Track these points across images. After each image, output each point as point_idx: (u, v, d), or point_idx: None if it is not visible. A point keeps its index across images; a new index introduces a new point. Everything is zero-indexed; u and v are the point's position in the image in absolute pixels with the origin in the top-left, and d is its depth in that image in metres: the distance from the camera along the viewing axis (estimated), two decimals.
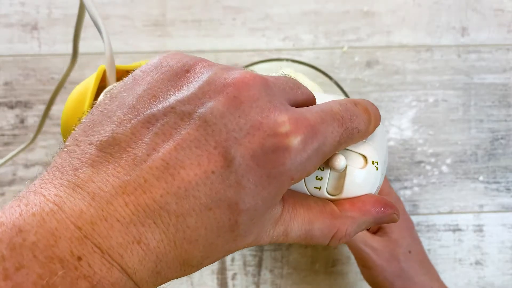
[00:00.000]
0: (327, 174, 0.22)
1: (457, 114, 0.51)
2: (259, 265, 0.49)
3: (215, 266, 0.49)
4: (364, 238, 0.40)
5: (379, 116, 0.23)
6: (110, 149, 0.17)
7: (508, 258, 0.50)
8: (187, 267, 0.18)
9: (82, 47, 0.51)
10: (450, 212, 0.50)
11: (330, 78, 0.44)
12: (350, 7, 0.51)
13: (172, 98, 0.18)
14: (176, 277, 0.18)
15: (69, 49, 0.51)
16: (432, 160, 0.50)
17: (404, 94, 0.51)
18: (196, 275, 0.49)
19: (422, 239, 0.49)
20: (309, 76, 0.45)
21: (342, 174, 0.21)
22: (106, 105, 0.19)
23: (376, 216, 0.21)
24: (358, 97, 0.50)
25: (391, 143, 0.51)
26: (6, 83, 0.50)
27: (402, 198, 0.50)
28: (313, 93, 0.23)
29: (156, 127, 0.17)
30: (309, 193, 0.22)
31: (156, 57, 0.20)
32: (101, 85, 0.27)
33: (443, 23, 0.52)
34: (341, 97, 0.24)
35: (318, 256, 0.49)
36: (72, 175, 0.17)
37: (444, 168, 0.50)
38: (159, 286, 0.18)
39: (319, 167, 0.21)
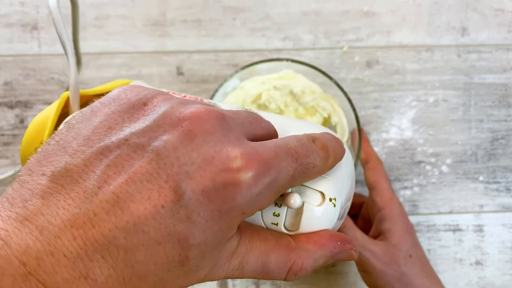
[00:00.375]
0: (284, 210, 0.21)
1: (457, 114, 0.51)
2: None
3: None
4: (364, 243, 0.40)
5: (341, 151, 0.22)
6: (62, 180, 0.17)
7: (508, 258, 0.50)
8: None
9: (82, 47, 0.50)
10: (450, 212, 0.50)
11: (330, 78, 0.44)
12: (350, 7, 0.51)
13: (127, 130, 0.18)
14: None
15: (69, 49, 0.50)
16: (432, 160, 0.50)
17: (404, 94, 0.51)
18: None
19: (422, 239, 0.49)
20: (309, 76, 0.45)
21: (299, 211, 0.21)
22: (62, 135, 0.19)
23: (332, 251, 0.21)
24: (358, 97, 0.50)
25: (391, 143, 0.51)
26: (6, 83, 0.50)
27: (402, 199, 0.50)
28: (287, 119, 0.23)
29: (108, 159, 0.17)
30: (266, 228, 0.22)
31: (116, 89, 0.20)
32: (65, 112, 0.27)
33: (443, 23, 0.52)
34: (316, 126, 0.24)
35: None
36: (21, 207, 0.16)
37: (444, 168, 0.50)
38: None
39: (276, 204, 0.21)
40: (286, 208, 0.21)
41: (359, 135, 0.43)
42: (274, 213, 0.21)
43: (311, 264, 0.21)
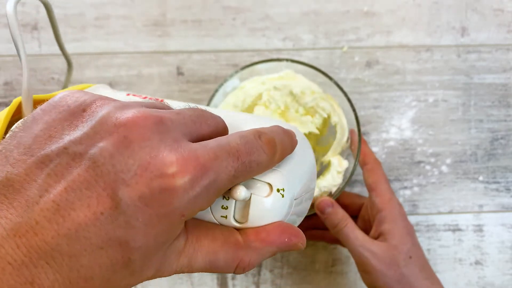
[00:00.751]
0: (232, 203, 0.22)
1: (457, 114, 0.51)
2: (259, 265, 0.49)
3: None
4: (365, 243, 0.40)
5: (291, 144, 0.22)
6: (4, 190, 0.17)
7: (508, 258, 0.50)
8: None
9: (82, 47, 0.51)
10: (450, 212, 0.50)
11: (330, 78, 0.44)
12: (350, 7, 0.51)
13: (66, 138, 0.18)
14: None
15: (69, 49, 0.51)
16: (432, 160, 0.50)
17: (404, 94, 0.51)
18: (196, 275, 0.49)
19: (421, 239, 0.49)
20: (309, 76, 0.45)
21: (247, 203, 0.21)
22: (6, 144, 0.19)
23: (279, 246, 0.22)
24: (358, 97, 0.50)
25: (391, 143, 0.51)
26: (6, 83, 0.50)
27: (401, 199, 0.50)
28: (240, 114, 0.22)
29: (49, 168, 0.17)
30: (216, 222, 0.22)
31: (57, 95, 0.20)
32: (19, 117, 0.27)
33: (443, 23, 0.52)
34: (268, 120, 0.24)
35: (318, 256, 0.49)
36: None
37: (444, 168, 0.50)
38: None
39: (224, 197, 0.22)
40: (234, 200, 0.22)
41: (359, 136, 0.43)
42: (223, 206, 0.22)
43: (258, 259, 0.21)
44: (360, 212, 0.45)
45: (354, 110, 0.43)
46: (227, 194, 0.21)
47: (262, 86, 0.44)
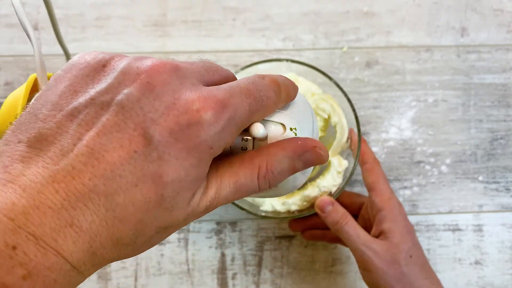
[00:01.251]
0: (250, 143, 0.23)
1: (456, 114, 0.51)
2: (259, 265, 0.49)
3: (215, 266, 0.49)
4: (366, 241, 0.40)
5: (293, 88, 0.24)
6: (38, 144, 0.18)
7: (508, 257, 0.50)
8: (122, 246, 0.19)
9: (83, 47, 0.51)
10: (450, 212, 0.50)
11: (330, 78, 0.44)
12: (350, 8, 0.52)
13: (92, 91, 0.19)
14: (113, 258, 0.19)
15: (70, 49, 0.51)
16: (432, 160, 0.51)
17: (403, 94, 0.51)
18: (196, 274, 0.49)
19: (421, 239, 0.50)
20: (309, 77, 0.45)
21: (264, 143, 0.23)
22: (33, 105, 0.20)
23: (295, 151, 0.22)
24: (357, 97, 0.50)
25: (391, 143, 0.51)
26: (6, 83, 0.50)
27: (401, 198, 0.50)
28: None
29: (79, 119, 0.19)
30: None
31: (75, 56, 0.21)
32: (35, 94, 0.29)
33: (442, 23, 0.52)
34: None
35: (318, 256, 0.50)
36: (2, 173, 0.18)
37: (444, 168, 0.50)
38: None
39: (243, 139, 0.23)
40: (252, 140, 0.23)
41: (359, 136, 0.43)
42: (242, 147, 0.23)
43: (276, 165, 0.22)
44: (360, 211, 0.46)
45: (354, 110, 0.43)
46: (245, 134, 0.23)
47: None
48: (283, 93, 0.23)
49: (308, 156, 0.23)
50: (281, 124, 0.23)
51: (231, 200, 0.22)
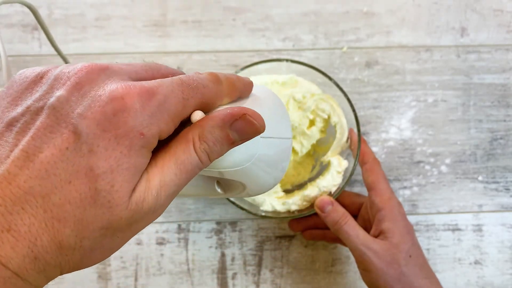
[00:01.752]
0: None
1: (456, 114, 0.51)
2: (259, 265, 0.49)
3: (215, 265, 0.49)
4: (365, 241, 0.40)
5: (241, 83, 0.25)
6: None
7: (507, 257, 0.50)
8: (67, 251, 0.19)
9: (83, 48, 0.51)
10: (450, 212, 0.50)
11: (330, 78, 0.44)
12: (350, 8, 0.52)
13: (29, 101, 0.20)
14: (61, 264, 0.19)
15: (70, 49, 0.51)
16: (432, 160, 0.51)
17: (403, 94, 0.51)
18: (196, 274, 0.49)
19: (421, 238, 0.50)
20: (308, 77, 0.46)
21: None
22: None
23: (224, 119, 0.22)
24: (357, 97, 0.50)
25: (391, 143, 0.51)
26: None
27: (401, 198, 0.50)
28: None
29: (16, 127, 0.19)
30: None
31: (17, 74, 0.22)
32: None
33: (442, 24, 0.52)
34: None
35: (318, 256, 0.50)
36: None
37: (444, 168, 0.51)
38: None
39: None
40: None
41: (359, 136, 0.43)
42: None
43: (208, 136, 0.22)
44: (360, 211, 0.46)
45: (353, 110, 0.44)
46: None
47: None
48: (224, 85, 0.23)
49: (240, 124, 0.22)
50: None
51: (180, 184, 0.22)
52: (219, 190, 0.29)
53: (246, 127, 0.22)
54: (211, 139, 0.22)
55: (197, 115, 0.22)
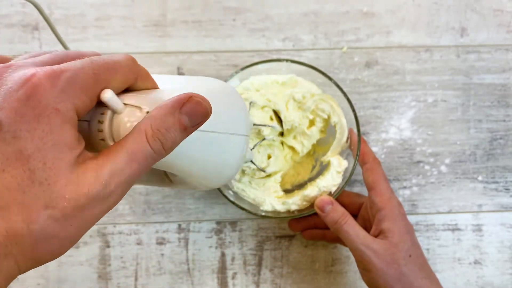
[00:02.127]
0: (107, 120, 0.24)
1: (456, 114, 0.51)
2: (259, 265, 0.49)
3: (215, 265, 0.49)
4: (365, 241, 0.40)
5: (132, 62, 0.25)
6: None
7: (507, 257, 0.50)
8: (16, 237, 0.20)
9: (83, 48, 0.51)
10: (449, 212, 0.50)
11: (330, 78, 0.44)
12: (350, 8, 0.52)
13: None
14: (10, 251, 0.20)
15: (70, 49, 0.51)
16: (431, 160, 0.51)
17: (403, 94, 0.51)
18: (196, 274, 0.49)
19: (421, 238, 0.50)
20: (308, 77, 0.46)
21: (123, 122, 0.24)
22: None
23: (173, 105, 0.23)
24: (357, 97, 0.51)
25: (390, 143, 0.51)
26: None
27: (401, 198, 0.50)
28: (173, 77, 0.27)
29: None
30: (96, 135, 0.25)
31: None
32: None
33: (442, 24, 0.52)
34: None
35: (318, 256, 0.50)
36: None
37: (443, 168, 0.51)
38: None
39: (100, 114, 0.24)
40: (108, 117, 0.24)
41: (358, 136, 0.43)
42: (100, 120, 0.24)
43: (160, 124, 0.22)
44: (360, 211, 0.46)
45: (353, 110, 0.44)
46: (103, 110, 0.24)
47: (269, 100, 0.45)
48: (137, 64, 0.24)
49: (188, 107, 0.23)
50: (137, 107, 0.24)
51: (133, 173, 0.22)
52: (167, 180, 0.29)
53: (194, 109, 0.23)
54: (164, 127, 0.23)
55: (107, 94, 0.23)
